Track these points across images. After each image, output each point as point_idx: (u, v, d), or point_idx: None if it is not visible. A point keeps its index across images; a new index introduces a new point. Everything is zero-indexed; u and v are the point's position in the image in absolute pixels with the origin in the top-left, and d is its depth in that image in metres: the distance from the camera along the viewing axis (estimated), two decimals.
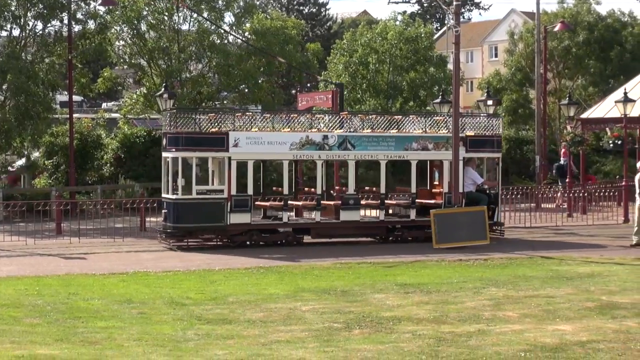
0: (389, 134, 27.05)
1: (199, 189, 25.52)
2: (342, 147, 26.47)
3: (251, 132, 25.86)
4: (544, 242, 26.98)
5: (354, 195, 26.69)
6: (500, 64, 59.71)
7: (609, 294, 17.24)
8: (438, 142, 27.30)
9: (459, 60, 27.88)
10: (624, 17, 52.81)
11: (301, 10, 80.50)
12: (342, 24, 79.67)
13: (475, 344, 13.03)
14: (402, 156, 27.26)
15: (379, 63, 44.69)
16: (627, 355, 12.35)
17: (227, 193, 25.32)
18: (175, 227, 25.48)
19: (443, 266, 21.81)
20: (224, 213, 25.23)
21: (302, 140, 26.12)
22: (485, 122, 28.46)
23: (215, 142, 25.45)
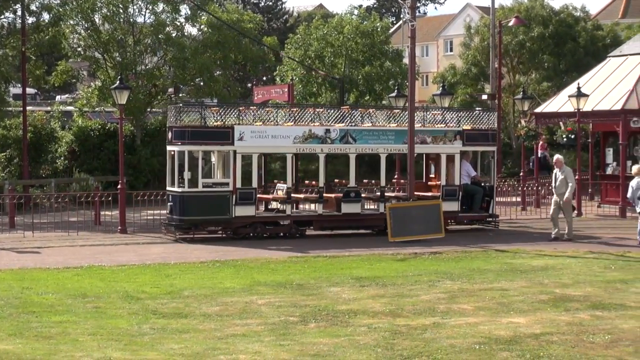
0: (389, 128, 27.58)
1: (205, 182, 25.74)
2: (343, 141, 26.92)
3: (256, 125, 26.14)
4: (499, 235, 27.15)
5: (354, 188, 27.17)
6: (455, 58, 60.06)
7: (562, 287, 17.42)
8: (436, 136, 27.87)
9: (415, 55, 27.98)
10: (576, 12, 53.32)
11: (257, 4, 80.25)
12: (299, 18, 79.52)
13: (430, 336, 13.12)
14: (401, 149, 27.67)
15: (334, 57, 44.72)
16: (579, 347, 12.49)
17: (232, 186, 25.64)
18: (181, 219, 25.72)
19: (398, 260, 21.90)
20: (230, 206, 25.55)
21: (305, 133, 26.54)
22: (481, 116, 29.00)
23: (220, 136, 25.72)
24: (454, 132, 28.10)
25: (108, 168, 38.33)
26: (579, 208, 32.32)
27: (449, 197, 27.50)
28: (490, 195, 28.42)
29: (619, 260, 21.26)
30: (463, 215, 28.17)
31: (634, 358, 11.92)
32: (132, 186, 35.31)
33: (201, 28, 41.84)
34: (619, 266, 20.32)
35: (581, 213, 32.22)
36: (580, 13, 54.05)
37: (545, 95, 48.28)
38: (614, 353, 12.16)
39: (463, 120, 28.42)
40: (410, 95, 27.30)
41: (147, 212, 29.59)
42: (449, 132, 27.96)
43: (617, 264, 20.72)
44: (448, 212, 27.36)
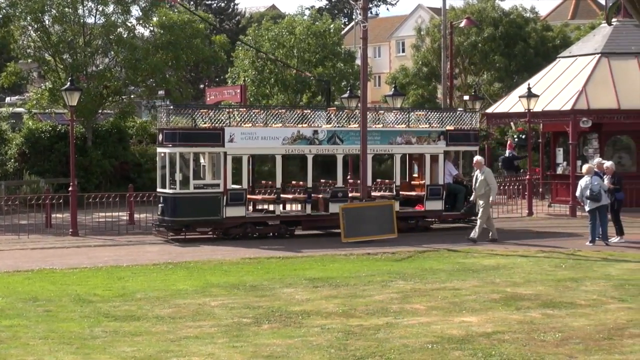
0: (375, 129, 27.89)
1: (196, 183, 25.90)
2: (331, 142, 27.27)
3: (246, 127, 26.43)
4: (453, 234, 27.30)
5: (342, 188, 27.66)
6: (408, 59, 60.33)
7: (513, 286, 17.57)
8: (421, 136, 28.28)
9: (367, 56, 28.07)
10: (526, 14, 53.81)
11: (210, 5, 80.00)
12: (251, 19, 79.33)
13: (383, 336, 13.17)
14: (387, 150, 28.30)
15: (287, 58, 44.70)
16: (531, 345, 12.60)
17: (223, 187, 25.85)
18: (173, 220, 25.92)
19: (352, 260, 21.94)
20: (221, 206, 25.76)
21: (293, 135, 26.86)
22: (463, 116, 29.43)
23: (211, 138, 25.96)
24: (438, 132, 28.56)
25: (59, 170, 37.99)
26: (530, 207, 32.62)
27: (433, 197, 28.02)
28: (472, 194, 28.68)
29: (569, 259, 21.47)
30: (447, 214, 28.59)
31: (584, 355, 12.06)
32: (83, 188, 35.06)
33: (153, 29, 41.62)
34: (569, 265, 20.52)
35: (532, 212, 32.51)
36: (530, 14, 54.56)
37: (496, 96, 48.68)
38: (564, 351, 12.29)
39: (446, 121, 28.91)
40: (363, 96, 27.36)
41: (98, 214, 29.38)
42: (433, 133, 28.46)
43: (567, 262, 20.93)
44: (433, 211, 28.14)
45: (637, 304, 15.60)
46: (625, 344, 12.68)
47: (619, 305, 15.59)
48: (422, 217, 28.30)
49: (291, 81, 44.24)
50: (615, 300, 16.00)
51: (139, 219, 29.47)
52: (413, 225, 27.70)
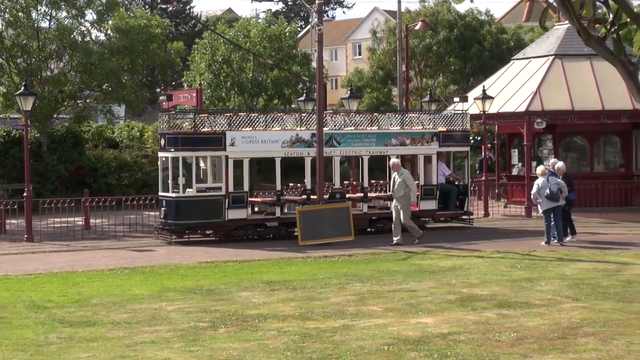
0: (371, 131, 28.53)
1: (199, 186, 26.34)
2: (328, 144, 27.61)
3: (246, 131, 26.79)
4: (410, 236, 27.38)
5: (340, 190, 28.12)
6: (364, 62, 60.49)
7: (469, 287, 17.67)
8: (414, 138, 28.84)
9: (323, 58, 28.11)
10: (481, 16, 54.17)
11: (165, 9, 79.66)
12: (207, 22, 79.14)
13: (339, 339, 13.19)
14: (382, 151, 28.70)
15: (242, 61, 44.61)
16: (486, 345, 12.68)
17: (224, 190, 26.24)
18: (176, 223, 26.39)
19: (309, 263, 21.97)
20: (223, 209, 26.19)
21: (292, 138, 27.35)
22: (455, 118, 29.91)
23: (213, 142, 26.44)
24: (431, 133, 29.05)
25: (14, 175, 37.66)
26: (486, 209, 32.84)
27: (427, 196, 28.60)
28: (465, 193, 29.54)
29: (524, 260, 21.63)
30: (440, 213, 29.11)
31: (539, 355, 12.15)
32: (38, 194, 34.80)
33: (108, 33, 41.35)
34: (524, 265, 20.68)
35: (488, 214, 32.74)
36: (485, 17, 54.94)
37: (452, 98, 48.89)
38: (519, 350, 12.38)
39: (439, 122, 29.45)
40: (319, 99, 27.43)
41: (54, 219, 29.15)
42: (426, 134, 29.00)
43: (522, 263, 21.08)
44: (427, 211, 28.72)
45: (591, 303, 15.76)
46: (579, 342, 12.79)
47: (573, 304, 15.73)
48: (417, 216, 28.33)
49: (247, 84, 44.12)
50: (569, 300, 16.15)
51: (94, 224, 29.29)
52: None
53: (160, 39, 42.56)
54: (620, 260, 21.17)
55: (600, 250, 23.27)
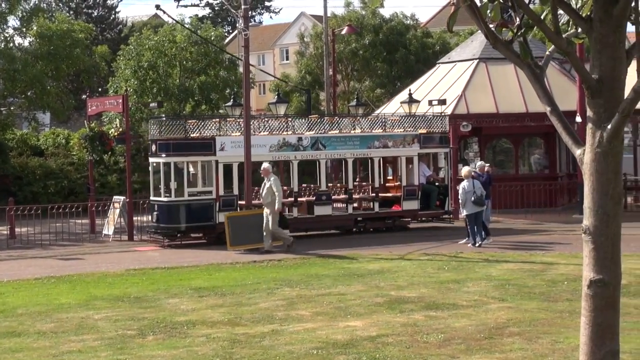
0: (355, 134, 29.42)
1: (190, 191, 26.87)
2: (314, 148, 28.53)
3: (235, 136, 27.48)
4: (335, 241, 27.49)
5: (326, 192, 28.87)
6: (292, 66, 60.58)
7: (397, 289, 17.79)
8: (396, 140, 29.62)
9: (249, 63, 28.10)
10: (407, 20, 54.57)
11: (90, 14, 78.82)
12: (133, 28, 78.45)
13: (268, 344, 13.20)
14: (366, 154, 29.61)
15: (168, 67, 44.38)
16: (414, 347, 12.79)
17: (215, 194, 26.88)
18: (168, 227, 26.97)
19: (238, 268, 21.92)
20: (214, 212, 26.71)
21: (279, 142, 28.10)
22: (435, 120, 30.69)
23: (203, 147, 27.03)
24: (412, 135, 29.87)
25: None
26: None
27: (409, 197, 29.39)
28: (445, 193, 30.41)
29: (452, 261, 21.85)
30: (422, 213, 29.95)
31: (466, 355, 12.29)
32: None
33: (31, 39, 40.82)
34: (451, 267, 20.89)
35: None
36: (411, 21, 55.36)
37: (379, 102, 49.21)
38: (446, 351, 12.50)
39: (419, 125, 30.27)
40: (246, 104, 27.40)
41: None
42: (408, 136, 29.82)
43: (450, 264, 21.29)
44: (409, 211, 29.45)
45: (517, 303, 15.98)
46: (505, 342, 12.97)
47: (500, 304, 15.94)
48: (400, 216, 29.52)
49: (174, 90, 43.91)
50: (495, 300, 16.36)
51: (20, 233, 28.87)
52: (391, 225, 29.09)
53: (84, 43, 42.15)
54: (545, 261, 21.49)
55: (526, 251, 23.59)
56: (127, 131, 30.28)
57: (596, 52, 4.70)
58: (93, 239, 29.30)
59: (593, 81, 4.72)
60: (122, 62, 44.54)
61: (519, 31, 4.98)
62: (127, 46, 45.41)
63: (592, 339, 4.71)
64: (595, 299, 4.77)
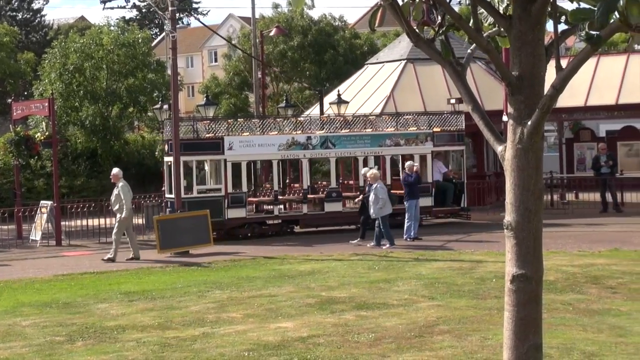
0: (365, 133, 29.87)
1: (199, 188, 28.21)
2: (324, 146, 29.31)
3: (243, 136, 28.50)
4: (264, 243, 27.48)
5: (336, 189, 29.78)
6: (220, 68, 60.37)
7: (328, 290, 17.82)
8: (409, 138, 30.02)
9: (177, 66, 27.96)
10: (335, 22, 54.74)
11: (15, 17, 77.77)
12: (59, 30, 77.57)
13: (199, 347, 13.13)
14: (377, 152, 30.06)
15: (95, 69, 43.92)
16: (345, 347, 12.82)
17: (224, 191, 27.95)
18: None
19: (168, 272, 21.78)
20: (222, 209, 27.77)
21: (288, 141, 28.90)
22: (450, 118, 30.93)
23: (212, 146, 28.15)
24: (425, 134, 30.30)
25: None
26: None
27: (422, 194, 29.22)
28: (461, 190, 30.90)
29: (382, 261, 21.95)
30: (437, 209, 30.38)
31: (396, 354, 12.35)
32: None
33: None
34: (382, 266, 20.98)
35: None
36: (339, 22, 55.53)
37: (308, 103, 49.29)
38: (377, 351, 12.55)
39: (433, 123, 30.67)
40: (174, 107, 27.23)
41: None
42: (421, 135, 30.25)
43: (380, 264, 21.39)
44: (423, 207, 29.29)
45: (446, 302, 16.11)
46: (435, 340, 13.06)
47: (429, 303, 16.06)
48: None
49: (101, 93, 43.48)
50: (425, 299, 16.48)
51: None
52: (401, 222, 28.82)
53: (9, 47, 41.57)
54: (474, 259, 21.69)
55: (455, 250, 23.81)
56: (54, 135, 29.91)
57: (516, 50, 4.76)
58: (20, 244, 28.89)
59: (513, 78, 4.78)
60: (47, 65, 43.97)
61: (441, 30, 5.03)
62: (53, 49, 44.82)
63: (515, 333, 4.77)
64: (518, 293, 4.83)
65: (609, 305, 15.37)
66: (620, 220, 29.60)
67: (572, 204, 34.08)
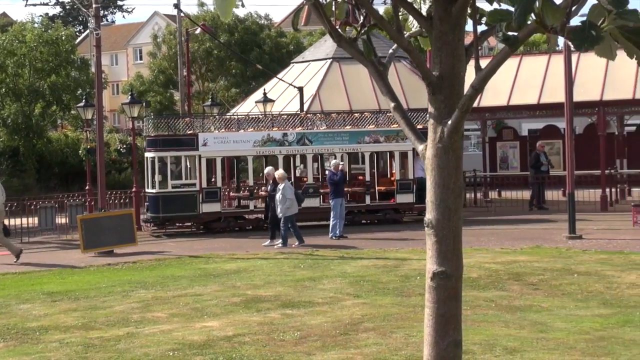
0: (344, 130, 30.13)
1: (174, 183, 28.76)
2: (300, 143, 29.53)
3: (218, 132, 29.16)
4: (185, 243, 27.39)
5: (313, 185, 30.10)
6: (146, 66, 59.93)
7: (254, 288, 17.81)
8: (389, 135, 30.07)
9: (101, 63, 27.70)
10: (261, 20, 54.70)
11: None
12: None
13: (124, 347, 13.03)
14: (356, 149, 30.35)
15: (18, 67, 43.29)
16: (271, 345, 12.83)
17: (198, 186, 28.60)
18: (155, 216, 28.98)
19: (92, 272, 21.56)
20: (197, 203, 28.49)
21: (264, 138, 29.28)
22: None
23: (187, 143, 28.76)
24: None
25: None
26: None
27: (403, 190, 30.03)
28: None
29: (308, 259, 21.99)
30: (417, 206, 29.98)
31: (322, 352, 12.39)
32: None
33: None
34: (307, 265, 21.02)
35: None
36: (265, 21, 55.50)
37: (234, 102, 49.18)
38: (302, 349, 12.58)
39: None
40: (98, 105, 27.02)
41: None
42: (402, 132, 29.08)
43: (306, 262, 21.42)
44: (404, 204, 30.03)
45: (371, 299, 16.20)
46: (360, 338, 13.13)
47: (355, 301, 16.13)
48: (395, 209, 30.13)
49: (23, 91, 42.86)
50: (350, 297, 16.55)
51: None
52: (382, 218, 29.66)
53: None
54: (399, 257, 21.85)
55: (380, 248, 23.95)
56: None
57: (436, 50, 4.82)
58: None
59: (434, 78, 4.84)
60: None
61: (363, 29, 5.07)
62: None
63: (435, 329, 4.83)
64: (438, 290, 4.89)
65: (530, 301, 15.61)
66: (542, 218, 30.07)
67: (495, 202, 34.52)
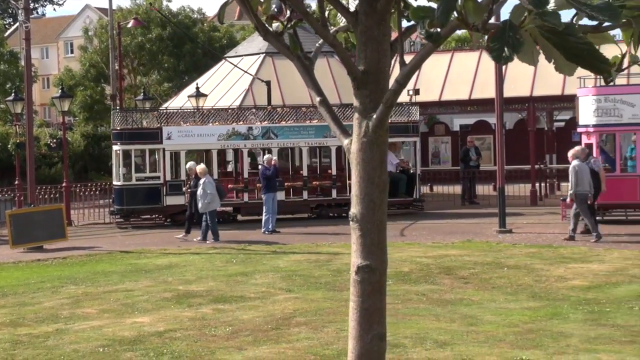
0: (309, 124, 30.13)
1: (138, 176, 29.13)
2: (265, 137, 29.70)
3: (182, 126, 29.30)
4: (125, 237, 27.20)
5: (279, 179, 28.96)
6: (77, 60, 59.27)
7: (185, 284, 17.74)
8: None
9: (31, 57, 27.33)
10: (194, 14, 54.42)
11: None
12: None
13: (53, 343, 12.89)
14: (322, 142, 30.55)
15: None
16: (202, 340, 12.79)
17: (162, 179, 28.86)
18: (120, 208, 29.33)
19: (21, 267, 21.29)
20: (161, 196, 28.85)
21: (228, 131, 29.46)
22: (402, 109, 30.73)
23: (151, 136, 28.92)
24: None
25: None
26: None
27: None
28: (414, 180, 30.78)
29: (240, 254, 21.96)
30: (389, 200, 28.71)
31: (253, 347, 12.38)
32: None
33: None
34: (240, 260, 20.99)
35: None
36: (198, 15, 55.22)
37: (167, 96, 48.88)
38: (234, 344, 12.56)
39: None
40: (28, 99, 26.66)
41: None
42: None
43: (238, 257, 21.39)
44: None
45: (303, 294, 16.23)
46: (292, 332, 13.15)
47: (287, 295, 16.15)
48: None
49: None
50: (283, 291, 16.56)
51: None
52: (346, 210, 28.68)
53: None
54: (331, 251, 21.92)
55: (312, 242, 24.00)
56: None
57: (362, 45, 4.84)
58: None
59: (359, 73, 4.86)
60: None
61: (289, 23, 5.07)
62: None
63: (360, 323, 4.86)
64: (362, 284, 4.92)
65: (461, 295, 15.77)
66: (473, 212, 30.39)
67: (427, 196, 34.77)
